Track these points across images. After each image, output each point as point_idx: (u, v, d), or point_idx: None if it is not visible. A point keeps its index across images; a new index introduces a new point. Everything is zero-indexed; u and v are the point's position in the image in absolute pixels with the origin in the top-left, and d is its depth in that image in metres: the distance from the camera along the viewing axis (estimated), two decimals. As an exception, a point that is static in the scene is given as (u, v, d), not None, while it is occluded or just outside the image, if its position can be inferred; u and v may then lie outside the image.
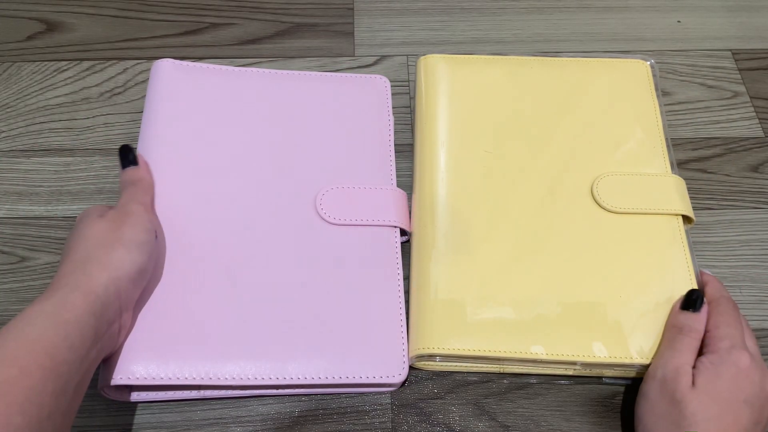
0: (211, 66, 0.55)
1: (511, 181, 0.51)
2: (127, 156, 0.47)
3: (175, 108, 0.52)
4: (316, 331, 0.44)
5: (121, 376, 0.41)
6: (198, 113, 0.52)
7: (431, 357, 0.45)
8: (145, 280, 0.43)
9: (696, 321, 0.43)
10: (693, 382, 0.39)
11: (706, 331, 0.43)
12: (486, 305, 0.45)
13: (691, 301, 0.44)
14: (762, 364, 0.41)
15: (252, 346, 0.43)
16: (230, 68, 0.55)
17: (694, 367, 0.41)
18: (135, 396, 0.44)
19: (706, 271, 0.48)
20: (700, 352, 0.42)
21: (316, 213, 0.49)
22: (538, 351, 0.44)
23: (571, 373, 0.45)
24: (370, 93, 0.56)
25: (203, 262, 0.46)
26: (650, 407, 0.40)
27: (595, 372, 0.45)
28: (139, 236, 0.42)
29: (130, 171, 0.46)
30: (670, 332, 0.43)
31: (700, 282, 0.47)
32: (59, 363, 0.34)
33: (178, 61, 0.54)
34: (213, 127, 0.52)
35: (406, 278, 0.48)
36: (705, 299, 0.44)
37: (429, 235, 0.48)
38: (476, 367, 0.46)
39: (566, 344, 0.44)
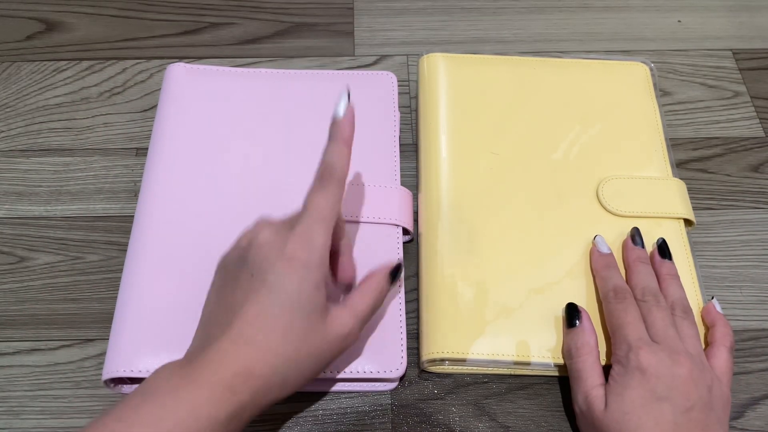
0: (222, 68, 0.56)
1: (517, 183, 0.51)
2: None
3: (187, 111, 0.53)
4: None
5: (123, 368, 0.41)
6: (210, 115, 0.53)
7: (443, 360, 0.45)
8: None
9: (579, 336, 0.42)
10: (605, 403, 0.39)
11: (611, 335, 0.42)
12: (496, 308, 0.45)
13: (569, 318, 0.43)
14: (676, 348, 0.40)
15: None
16: (240, 69, 0.56)
17: (607, 382, 0.40)
18: None
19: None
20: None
21: None
22: (548, 354, 0.44)
23: None
24: (377, 89, 0.56)
25: (211, 259, 0.46)
26: None
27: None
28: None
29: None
30: (566, 359, 0.43)
31: (702, 281, 0.47)
32: None
33: (189, 65, 0.55)
34: (224, 128, 0.52)
35: (406, 278, 0.48)
36: (581, 312, 0.43)
37: (438, 238, 0.48)
38: (488, 369, 0.45)
39: None
